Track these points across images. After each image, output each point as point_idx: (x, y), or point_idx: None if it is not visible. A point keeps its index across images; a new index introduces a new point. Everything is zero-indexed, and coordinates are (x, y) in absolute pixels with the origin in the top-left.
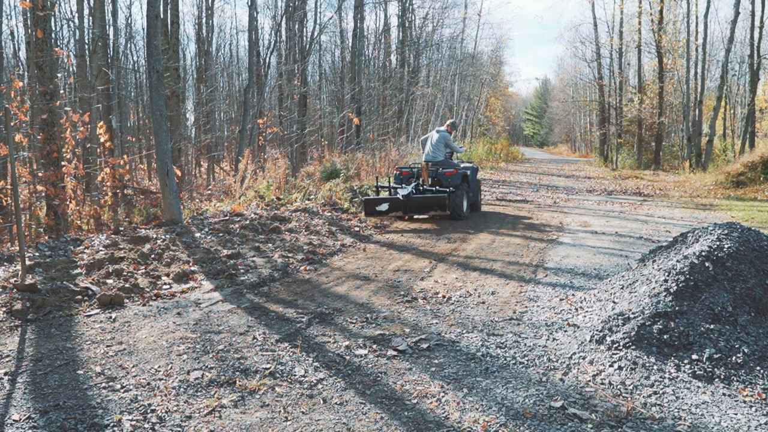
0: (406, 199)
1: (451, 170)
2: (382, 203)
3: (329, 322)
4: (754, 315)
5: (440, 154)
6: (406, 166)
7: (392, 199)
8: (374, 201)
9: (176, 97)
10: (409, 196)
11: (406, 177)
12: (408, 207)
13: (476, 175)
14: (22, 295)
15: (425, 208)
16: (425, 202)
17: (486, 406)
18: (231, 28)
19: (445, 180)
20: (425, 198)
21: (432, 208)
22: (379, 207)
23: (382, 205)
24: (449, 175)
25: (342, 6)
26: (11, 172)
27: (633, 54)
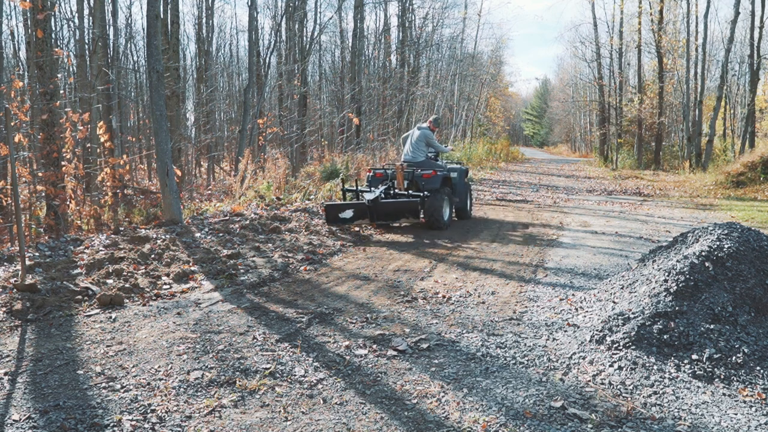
0: (372, 204)
1: (429, 172)
2: (346, 209)
3: (329, 322)
4: (754, 315)
5: (420, 154)
6: (379, 167)
7: (357, 205)
8: (337, 207)
9: (176, 97)
10: (377, 201)
11: (380, 179)
12: (375, 214)
13: (465, 178)
14: (22, 295)
15: (395, 215)
16: (394, 209)
17: (486, 406)
18: (231, 28)
19: (423, 183)
20: (394, 204)
21: (403, 215)
22: (342, 214)
23: (346, 212)
24: (427, 178)
25: (342, 6)
26: (11, 172)
27: (633, 54)
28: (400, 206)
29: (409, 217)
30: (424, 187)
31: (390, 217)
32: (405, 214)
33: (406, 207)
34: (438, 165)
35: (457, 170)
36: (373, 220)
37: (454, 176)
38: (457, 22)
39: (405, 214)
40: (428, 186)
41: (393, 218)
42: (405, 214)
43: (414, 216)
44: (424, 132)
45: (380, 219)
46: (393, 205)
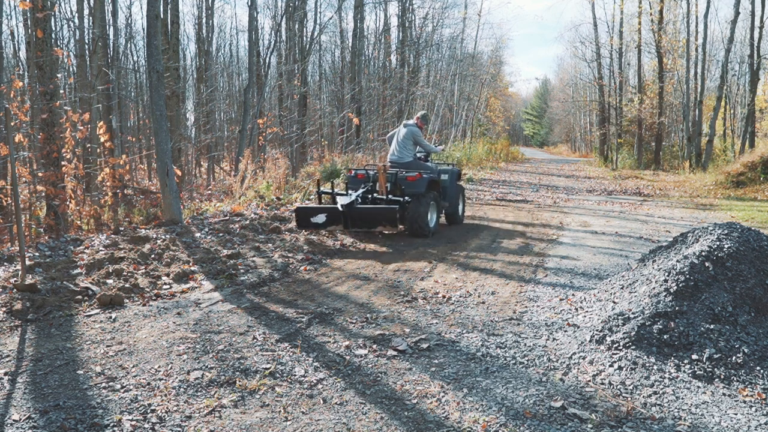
0: (346, 209)
1: (414, 174)
2: (318, 213)
3: (329, 322)
4: (754, 315)
5: (408, 153)
6: (360, 168)
7: (331, 209)
8: (308, 211)
9: (176, 97)
10: (352, 205)
11: (361, 181)
12: (350, 219)
13: (456, 180)
14: (22, 295)
15: (371, 222)
16: (370, 215)
17: (486, 406)
18: (231, 28)
19: (406, 186)
20: (370, 210)
21: (380, 223)
22: (314, 218)
23: (318, 216)
24: (411, 181)
25: (342, 6)
26: (11, 172)
27: (633, 54)
28: (376, 213)
29: (386, 225)
30: (407, 191)
31: (366, 223)
32: (382, 222)
33: (383, 214)
34: (427, 166)
35: (448, 172)
36: (348, 226)
37: (444, 178)
38: (457, 22)
39: (382, 221)
40: (412, 190)
41: (369, 225)
42: (382, 221)
43: (392, 224)
44: (411, 129)
45: (355, 226)
46: (369, 211)
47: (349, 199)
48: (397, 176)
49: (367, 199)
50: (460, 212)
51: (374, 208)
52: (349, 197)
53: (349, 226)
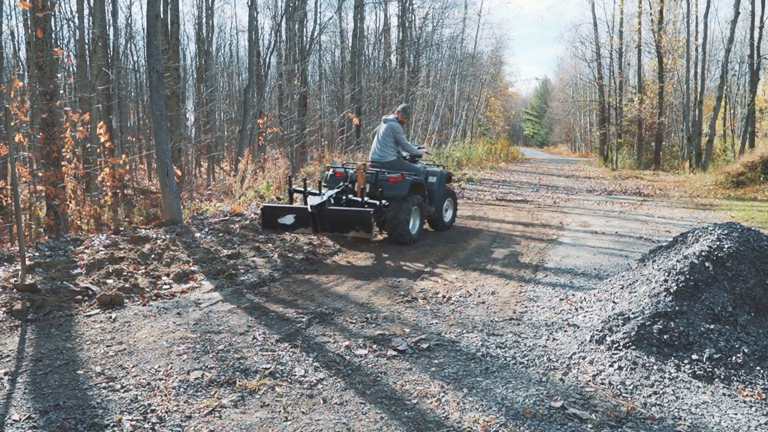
0: (316, 211)
1: (395, 176)
2: (287, 214)
3: (329, 322)
4: (754, 315)
5: (389, 152)
6: (339, 165)
7: (300, 210)
8: (275, 210)
9: (176, 97)
10: (322, 207)
11: (340, 179)
12: (320, 222)
13: (445, 183)
14: (22, 295)
15: (342, 226)
16: (342, 219)
17: (486, 406)
18: (231, 28)
19: (387, 188)
20: (342, 212)
21: (353, 227)
22: (282, 219)
23: (286, 217)
24: (393, 183)
25: (342, 6)
26: (11, 172)
27: (633, 54)
28: (349, 216)
29: (360, 230)
30: (388, 194)
31: (337, 227)
32: (354, 226)
33: (355, 217)
34: (412, 167)
35: (436, 174)
36: (318, 230)
37: (431, 181)
38: (457, 22)
39: (354, 225)
40: (393, 192)
41: (341, 229)
42: (354, 225)
43: (365, 229)
44: (391, 125)
45: (325, 229)
46: (341, 214)
47: (320, 199)
48: (378, 177)
49: (341, 200)
50: (447, 218)
51: (346, 211)
52: (320, 197)
53: (319, 230)
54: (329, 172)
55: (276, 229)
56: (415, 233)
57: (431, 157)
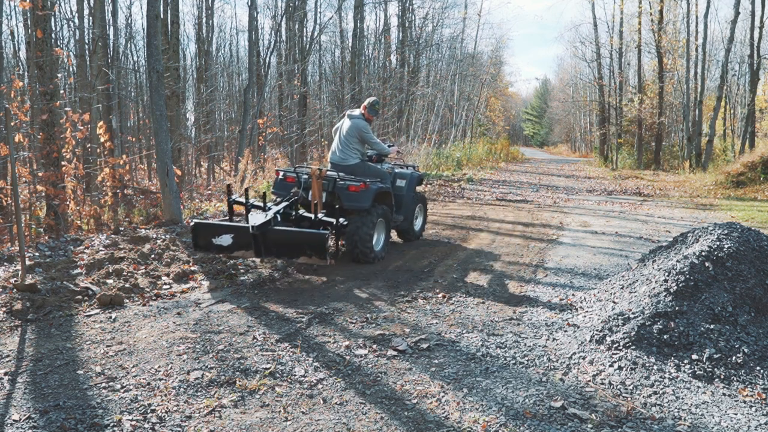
0: (258, 232)
1: (356, 184)
2: (223, 233)
3: (329, 322)
4: (754, 315)
5: (353, 154)
6: (290, 169)
7: (239, 229)
8: (209, 229)
9: (176, 97)
10: (265, 227)
11: (290, 186)
12: (263, 245)
13: (416, 187)
14: (22, 295)
15: (290, 250)
16: (289, 242)
17: (486, 406)
18: (231, 28)
19: (346, 199)
20: (290, 235)
21: (303, 252)
22: (218, 239)
23: (223, 237)
24: (354, 192)
25: (342, 6)
26: (11, 172)
27: (633, 54)
28: (298, 238)
29: (312, 256)
30: (348, 206)
31: (284, 251)
32: (306, 251)
33: (306, 240)
34: (378, 171)
35: (406, 177)
36: (260, 254)
37: (400, 185)
38: (457, 22)
39: (306, 250)
40: (353, 204)
41: (289, 254)
42: (306, 250)
43: (319, 255)
44: (356, 123)
45: (271, 253)
46: (289, 235)
47: (263, 217)
48: (336, 185)
49: (290, 215)
50: (418, 227)
51: (296, 233)
52: (264, 215)
53: (262, 254)
54: (279, 177)
55: (210, 250)
56: (379, 249)
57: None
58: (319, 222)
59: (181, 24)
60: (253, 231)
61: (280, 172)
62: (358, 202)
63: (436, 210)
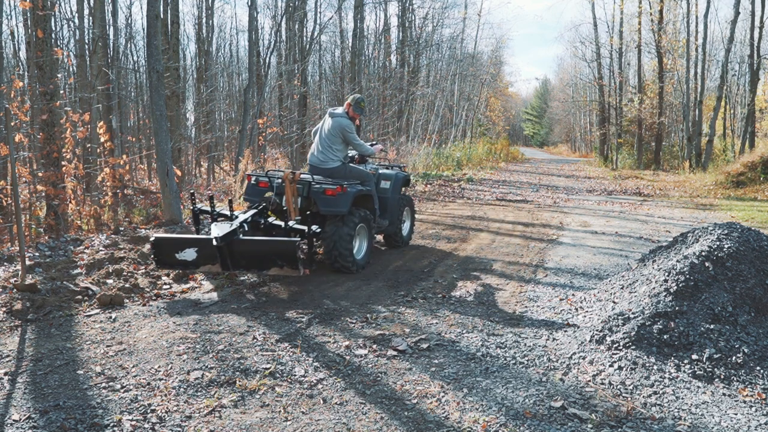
0: (222, 243)
1: (333, 188)
2: (186, 247)
3: (329, 322)
4: (754, 315)
5: (334, 156)
6: (262, 174)
7: (204, 242)
8: (171, 243)
9: (176, 97)
10: (231, 238)
11: (263, 191)
12: (229, 258)
13: (401, 188)
14: (22, 295)
15: (261, 261)
16: (258, 252)
17: (486, 406)
18: (231, 28)
19: (323, 204)
20: (258, 244)
21: (274, 263)
22: (181, 254)
23: (187, 252)
24: (330, 197)
25: (342, 6)
26: (11, 172)
27: (633, 54)
28: (267, 248)
29: (284, 267)
30: (325, 211)
31: (253, 264)
32: (277, 262)
33: (276, 250)
34: (361, 173)
35: (390, 178)
36: (227, 267)
37: (384, 186)
38: (457, 22)
39: (276, 261)
40: (330, 209)
41: (258, 266)
42: (276, 261)
43: (291, 265)
44: (339, 122)
45: (239, 266)
46: (257, 245)
47: (228, 226)
48: (311, 189)
49: (260, 223)
50: (405, 232)
51: (264, 242)
52: (229, 225)
53: (229, 267)
54: (250, 182)
55: (174, 266)
56: (360, 258)
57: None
58: (290, 230)
59: (181, 24)
60: (217, 243)
61: (251, 176)
62: (336, 207)
63: (436, 210)
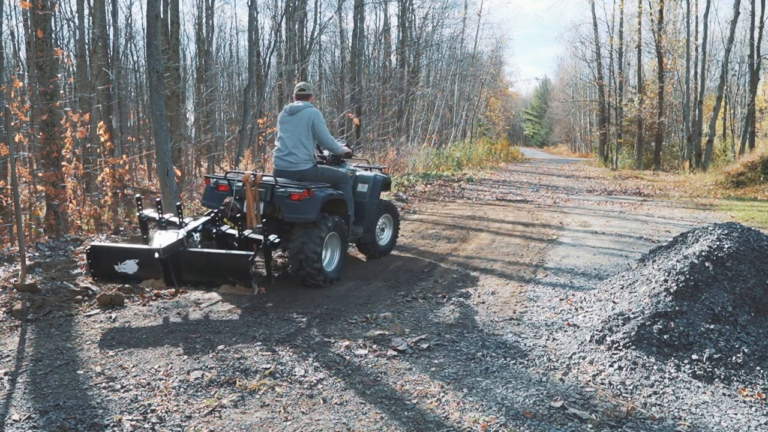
0: (165, 256)
1: (300, 191)
2: (127, 258)
3: (329, 322)
4: (754, 315)
5: (304, 156)
6: (221, 176)
7: (146, 253)
8: (110, 253)
9: (176, 97)
10: (175, 249)
11: (224, 195)
12: (174, 271)
13: (380, 192)
14: (22, 295)
15: (210, 276)
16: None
17: (486, 406)
18: (231, 28)
19: (288, 210)
20: (207, 257)
21: (224, 280)
22: (121, 266)
23: (127, 263)
24: (296, 202)
25: (342, 6)
26: (11, 172)
27: (633, 54)
28: (217, 262)
29: (237, 284)
30: (290, 217)
31: (201, 280)
32: (227, 277)
33: (226, 264)
34: (336, 175)
35: (368, 180)
36: (171, 282)
37: (361, 190)
38: (457, 22)
39: (227, 276)
40: (296, 216)
41: (207, 282)
42: (227, 276)
43: (243, 281)
44: (311, 113)
45: (185, 281)
46: (206, 258)
47: (175, 236)
48: (274, 194)
49: (213, 232)
50: (384, 241)
51: (214, 255)
52: (175, 234)
53: (174, 283)
54: (209, 185)
55: (113, 279)
56: (331, 271)
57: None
58: (247, 240)
59: (181, 24)
60: (159, 255)
61: (210, 179)
62: (302, 214)
63: (436, 210)
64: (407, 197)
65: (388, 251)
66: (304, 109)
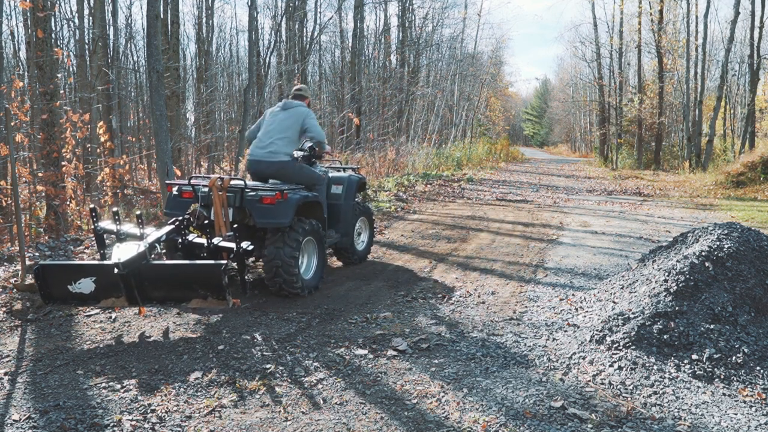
0: (125, 271)
1: (272, 194)
2: (81, 277)
3: (329, 322)
4: (754, 315)
5: (286, 149)
6: (185, 182)
7: (103, 270)
8: (62, 272)
9: (176, 97)
10: (138, 263)
11: (188, 202)
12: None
13: (355, 194)
14: (22, 295)
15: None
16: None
17: (486, 406)
18: (231, 28)
19: (259, 215)
20: (173, 270)
21: (195, 293)
22: (75, 285)
23: (82, 282)
24: (269, 205)
25: (342, 6)
26: (11, 172)
27: (633, 54)
28: (185, 274)
29: (210, 297)
30: (262, 223)
31: (169, 295)
32: (198, 290)
33: (196, 276)
34: (312, 175)
35: (343, 181)
36: (135, 300)
37: (336, 192)
38: (457, 22)
39: (198, 289)
40: (268, 220)
41: (176, 297)
42: (198, 289)
43: (215, 294)
44: (303, 110)
45: (149, 298)
46: (172, 271)
47: (136, 248)
48: (243, 197)
49: (179, 242)
50: (362, 247)
51: (181, 267)
52: (136, 246)
53: (136, 301)
54: (173, 192)
55: (68, 301)
56: (310, 278)
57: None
58: (217, 249)
59: (181, 24)
60: (119, 270)
61: (173, 186)
62: (275, 218)
63: (436, 210)
64: (407, 197)
65: (366, 257)
66: (299, 107)
